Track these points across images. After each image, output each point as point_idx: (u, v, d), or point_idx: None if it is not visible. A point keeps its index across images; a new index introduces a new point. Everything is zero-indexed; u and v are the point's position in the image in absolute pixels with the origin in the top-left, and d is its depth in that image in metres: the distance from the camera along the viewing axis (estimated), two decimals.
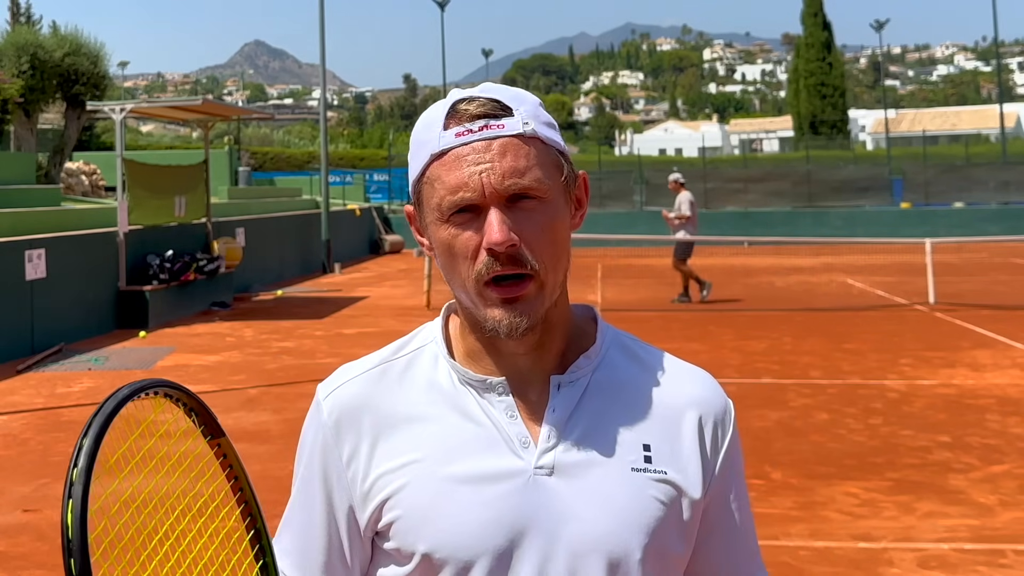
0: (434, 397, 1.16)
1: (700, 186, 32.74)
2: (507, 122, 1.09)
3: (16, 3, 39.41)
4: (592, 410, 1.15)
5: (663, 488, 1.12)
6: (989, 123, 73.32)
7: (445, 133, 1.09)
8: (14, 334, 10.69)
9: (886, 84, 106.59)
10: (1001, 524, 5.03)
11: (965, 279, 17.29)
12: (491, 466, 1.11)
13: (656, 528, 1.11)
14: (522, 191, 1.08)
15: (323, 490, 1.17)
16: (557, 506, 1.10)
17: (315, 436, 1.19)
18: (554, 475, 1.11)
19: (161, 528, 1.31)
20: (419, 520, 1.10)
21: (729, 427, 1.19)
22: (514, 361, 1.15)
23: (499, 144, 1.08)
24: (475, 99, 1.10)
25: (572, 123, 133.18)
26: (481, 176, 1.07)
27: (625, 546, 1.10)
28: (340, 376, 1.21)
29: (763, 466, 6.14)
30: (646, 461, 1.13)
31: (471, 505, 1.10)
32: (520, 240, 1.08)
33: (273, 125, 70.83)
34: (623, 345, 1.22)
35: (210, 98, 16.98)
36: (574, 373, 1.16)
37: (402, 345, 1.22)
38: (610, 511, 1.10)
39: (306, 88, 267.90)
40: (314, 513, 1.18)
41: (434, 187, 1.10)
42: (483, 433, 1.13)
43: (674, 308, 14.07)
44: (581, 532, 1.10)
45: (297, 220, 21.83)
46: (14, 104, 18.60)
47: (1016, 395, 8.11)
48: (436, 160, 1.10)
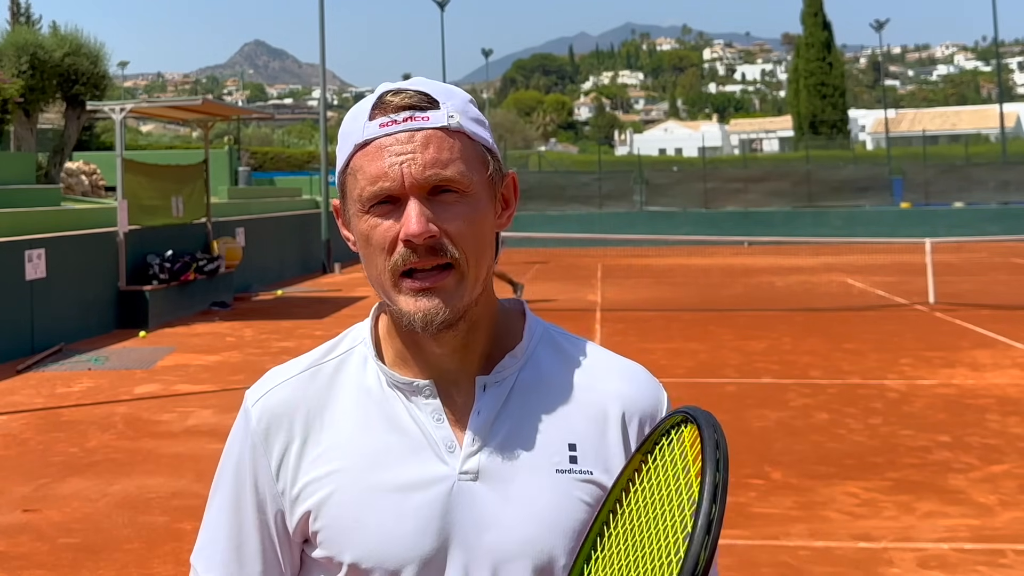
0: (362, 401, 1.14)
1: (700, 186, 32.75)
2: (432, 115, 1.08)
3: (16, 3, 39.39)
4: (517, 411, 1.13)
5: (588, 488, 1.11)
6: (989, 123, 73.30)
7: (369, 123, 1.08)
8: (14, 334, 10.69)
9: (886, 84, 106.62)
10: (1001, 524, 5.03)
11: (965, 279, 17.29)
12: (416, 473, 1.10)
13: (580, 530, 1.09)
14: (443, 183, 1.07)
15: (254, 499, 1.14)
16: (481, 512, 1.09)
17: (243, 444, 1.16)
18: (479, 480, 1.10)
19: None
20: (345, 529, 1.09)
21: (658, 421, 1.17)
22: (439, 362, 1.13)
23: (422, 136, 1.07)
24: (402, 91, 1.10)
25: (572, 123, 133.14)
26: (402, 166, 1.06)
27: (549, 551, 1.09)
28: (269, 381, 1.19)
29: (763, 466, 6.14)
30: (571, 462, 1.11)
31: (396, 514, 1.08)
32: (440, 231, 1.06)
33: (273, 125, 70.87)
34: (552, 341, 1.20)
35: (210, 98, 16.98)
36: (499, 373, 1.14)
37: (332, 347, 1.20)
38: (534, 515, 1.09)
39: (306, 88, 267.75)
40: (246, 523, 1.15)
41: (356, 178, 1.09)
42: (409, 438, 1.11)
43: (674, 308, 14.06)
44: (504, 539, 1.08)
45: (297, 220, 21.83)
46: (14, 104, 18.58)
47: (1016, 395, 8.11)
48: (359, 150, 1.09)
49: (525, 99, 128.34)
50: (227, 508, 1.16)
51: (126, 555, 4.86)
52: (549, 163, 48.18)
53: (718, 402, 7.72)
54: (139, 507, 5.57)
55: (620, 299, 15.21)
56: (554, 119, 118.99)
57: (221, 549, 1.16)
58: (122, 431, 7.37)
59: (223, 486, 1.17)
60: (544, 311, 13.76)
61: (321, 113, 24.40)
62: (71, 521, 5.36)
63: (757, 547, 4.79)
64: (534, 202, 30.81)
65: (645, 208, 31.81)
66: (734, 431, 7.00)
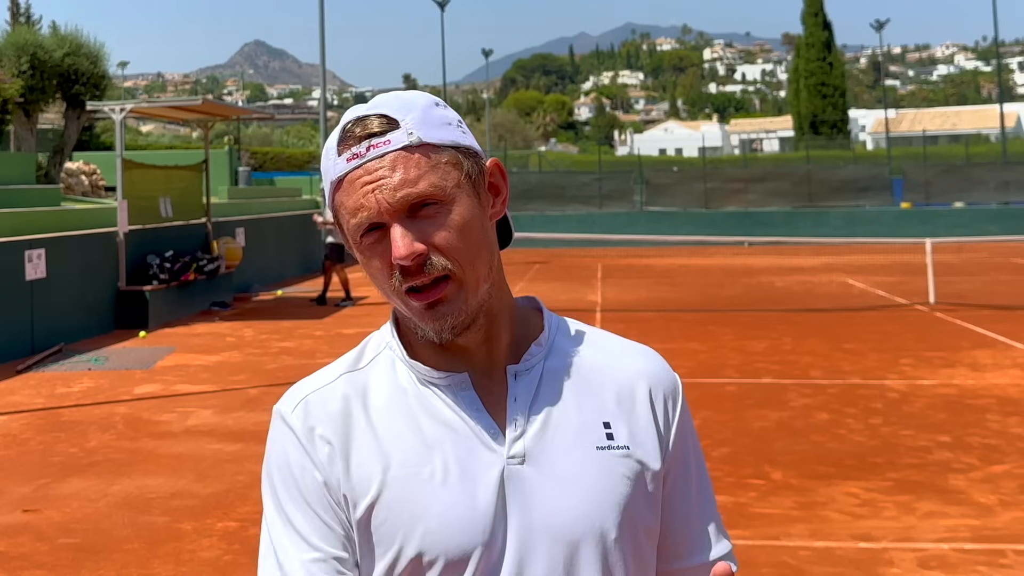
0: (400, 400, 1.17)
1: (700, 186, 32.74)
2: (392, 136, 1.11)
3: (16, 3, 39.40)
4: (551, 395, 1.17)
5: (628, 463, 1.16)
6: (989, 123, 73.32)
7: (339, 160, 1.13)
8: (14, 334, 10.69)
9: (886, 84, 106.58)
10: (1001, 524, 5.03)
11: (965, 279, 17.29)
12: (467, 462, 1.12)
13: (627, 504, 1.14)
14: (418, 199, 1.10)
15: (323, 493, 1.13)
16: (533, 494, 1.12)
17: (287, 453, 1.15)
18: (526, 463, 1.13)
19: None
20: (404, 524, 1.11)
21: (679, 399, 1.24)
22: (468, 356, 1.17)
23: (388, 160, 1.10)
24: (362, 119, 1.13)
25: (572, 123, 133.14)
26: (374, 194, 1.09)
27: (601, 526, 1.13)
28: (301, 390, 1.20)
29: (763, 466, 6.14)
30: (608, 439, 1.16)
31: (455, 502, 1.11)
32: (428, 247, 1.10)
33: (273, 125, 70.87)
34: (568, 330, 1.26)
35: (210, 98, 16.97)
36: (528, 362, 1.19)
37: (358, 357, 1.22)
38: (583, 492, 1.13)
39: (306, 88, 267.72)
40: (312, 534, 1.13)
41: (341, 214, 1.14)
42: (453, 430, 1.14)
43: (674, 308, 14.07)
44: (558, 517, 1.12)
45: (297, 220, 21.82)
46: (14, 104, 18.58)
47: (1016, 395, 8.11)
48: (336, 189, 1.13)
49: (525, 99, 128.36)
50: (299, 515, 1.13)
51: (126, 555, 4.86)
52: (549, 163, 48.19)
53: (718, 402, 7.69)
54: (139, 507, 5.57)
55: (620, 299, 15.21)
56: (554, 119, 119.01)
57: (300, 562, 1.12)
58: (122, 431, 7.37)
59: (276, 502, 1.15)
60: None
61: (321, 113, 24.42)
62: (71, 521, 5.36)
63: (757, 547, 4.79)
64: (534, 202, 30.82)
65: (645, 208, 31.81)
66: (734, 431, 7.00)
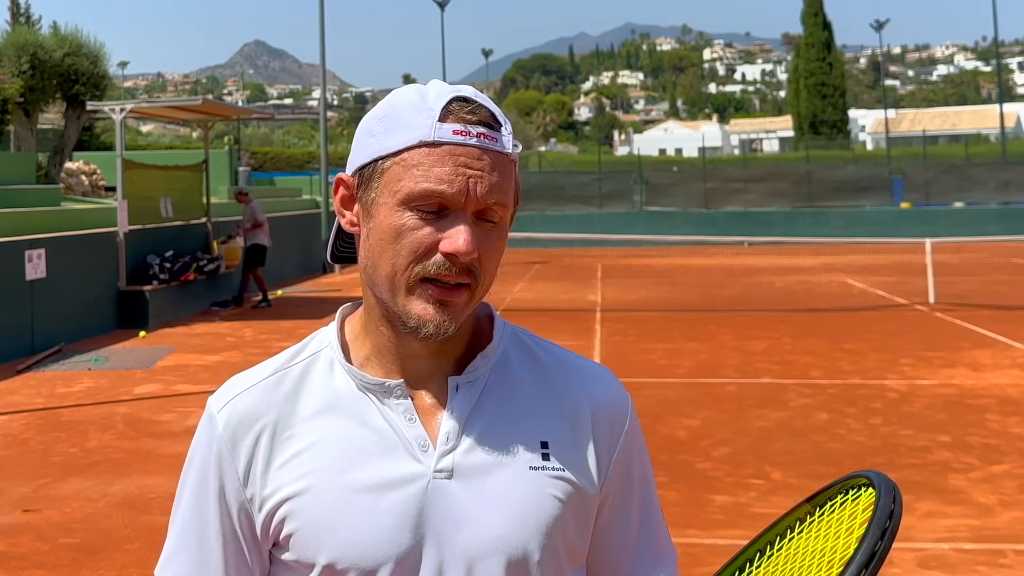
0: (331, 404, 1.14)
1: (700, 186, 32.74)
2: (500, 137, 1.08)
3: (16, 3, 39.40)
4: (490, 410, 1.14)
5: (561, 485, 1.12)
6: (989, 123, 73.31)
7: (442, 125, 1.07)
8: (14, 334, 10.69)
9: (886, 84, 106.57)
10: (1001, 524, 5.03)
11: (965, 279, 17.29)
12: (390, 472, 1.09)
13: (553, 526, 1.11)
14: (491, 209, 1.08)
15: (219, 506, 1.14)
16: (456, 510, 1.09)
17: (208, 450, 1.15)
18: (453, 478, 1.10)
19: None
20: (319, 530, 1.08)
21: (625, 423, 1.19)
22: (414, 363, 1.14)
23: (491, 157, 1.07)
24: (472, 102, 1.09)
25: (572, 123, 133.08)
26: (468, 180, 1.05)
27: (524, 547, 1.10)
28: (233, 387, 1.17)
29: (763, 466, 6.14)
30: (544, 459, 1.13)
31: (371, 513, 1.08)
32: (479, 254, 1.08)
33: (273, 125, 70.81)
34: (520, 342, 1.21)
35: (210, 98, 16.96)
36: (472, 373, 1.15)
37: (297, 352, 1.20)
38: (508, 512, 1.10)
39: (306, 88, 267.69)
40: (211, 531, 1.14)
41: (412, 171, 1.07)
42: (381, 438, 1.11)
43: (674, 308, 14.06)
44: (479, 536, 1.09)
45: (297, 220, 21.83)
46: (14, 104, 18.58)
47: (1016, 395, 8.11)
48: (424, 147, 1.07)
49: (525, 99, 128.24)
50: (192, 517, 1.16)
51: (126, 555, 4.86)
52: (549, 163, 48.17)
53: (718, 402, 7.68)
54: (139, 507, 5.57)
55: (620, 299, 15.21)
56: (554, 119, 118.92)
57: (187, 559, 1.15)
58: (122, 431, 7.37)
59: (187, 495, 1.17)
60: (544, 311, 13.76)
61: (321, 113, 24.41)
62: (71, 521, 5.36)
63: None
64: (534, 202, 30.82)
65: (645, 208, 31.81)
66: (734, 431, 7.01)
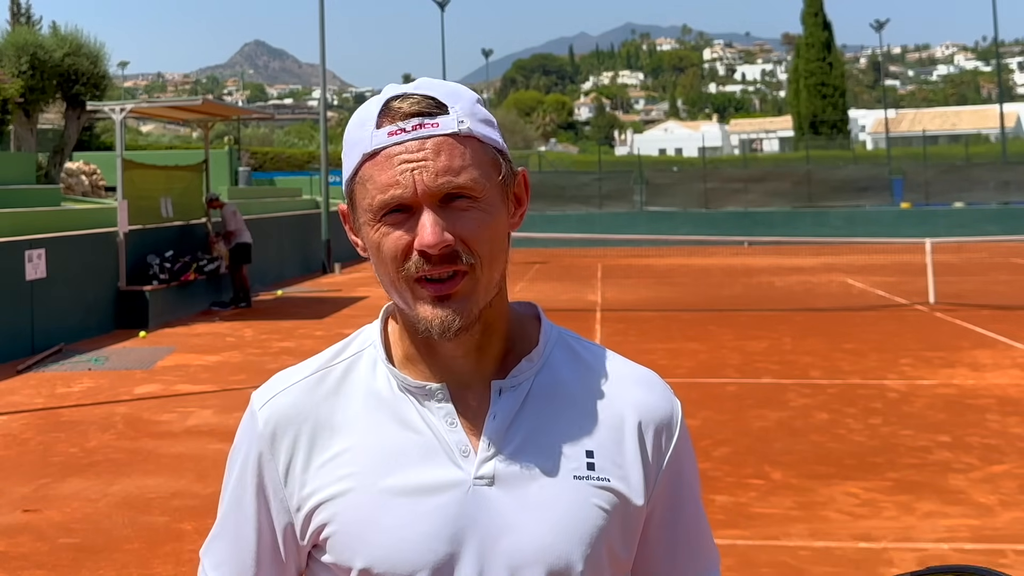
0: (372, 405, 1.12)
1: (700, 186, 32.75)
2: (441, 120, 1.06)
3: (16, 3, 39.42)
4: (534, 416, 1.11)
5: (605, 496, 1.09)
6: (989, 123, 73.29)
7: (378, 132, 1.06)
8: (14, 334, 10.69)
9: (886, 84, 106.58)
10: (1001, 524, 5.03)
11: (965, 279, 17.29)
12: (429, 477, 1.08)
13: (597, 537, 1.08)
14: (456, 190, 1.04)
15: (257, 502, 1.13)
16: (497, 518, 1.07)
17: (249, 447, 1.14)
18: (494, 485, 1.08)
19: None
20: (356, 534, 1.07)
21: (675, 432, 1.16)
22: (453, 365, 1.11)
23: (433, 143, 1.05)
24: (409, 96, 1.07)
25: (572, 123, 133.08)
26: (413, 174, 1.04)
27: (566, 557, 1.07)
28: (276, 384, 1.16)
29: (763, 466, 6.14)
30: (588, 468, 1.10)
31: (409, 518, 1.06)
32: (455, 238, 1.04)
33: (273, 125, 70.84)
34: (567, 346, 1.18)
35: (210, 98, 16.97)
36: (515, 378, 1.12)
37: (340, 350, 1.18)
38: (551, 521, 1.07)
39: (306, 88, 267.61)
40: (248, 527, 1.14)
41: (366, 187, 1.07)
42: (421, 442, 1.09)
43: (674, 308, 14.07)
44: (520, 544, 1.07)
45: (297, 220, 21.83)
46: (14, 104, 18.58)
47: (1016, 395, 8.11)
48: (368, 160, 1.06)
49: (525, 99, 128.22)
50: (232, 508, 1.16)
51: (126, 555, 4.86)
52: (549, 163, 48.19)
53: (718, 402, 7.70)
54: (139, 507, 5.57)
55: (620, 299, 15.21)
56: (554, 119, 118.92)
57: (226, 546, 1.16)
58: (122, 431, 7.37)
59: (232, 484, 1.17)
60: (544, 311, 13.75)
61: (321, 113, 24.40)
62: (71, 521, 5.36)
63: (757, 547, 4.79)
64: (534, 202, 30.79)
65: (645, 208, 31.82)
66: (734, 431, 7.01)
